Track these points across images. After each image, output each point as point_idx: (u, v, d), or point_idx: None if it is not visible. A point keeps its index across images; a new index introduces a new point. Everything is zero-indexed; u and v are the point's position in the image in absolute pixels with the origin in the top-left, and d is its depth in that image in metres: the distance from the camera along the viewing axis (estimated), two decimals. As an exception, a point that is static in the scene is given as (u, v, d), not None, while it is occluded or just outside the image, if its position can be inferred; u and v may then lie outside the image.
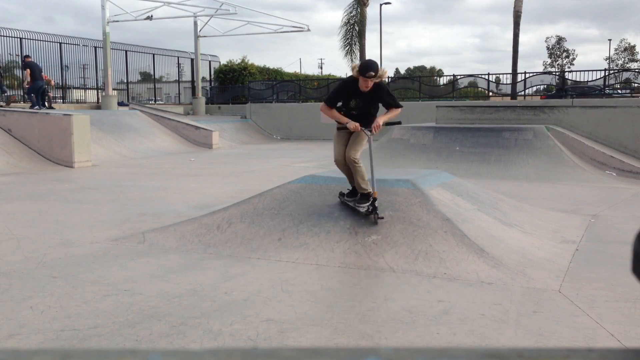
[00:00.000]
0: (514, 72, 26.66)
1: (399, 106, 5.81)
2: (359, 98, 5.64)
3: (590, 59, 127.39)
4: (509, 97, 24.77)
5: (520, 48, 29.78)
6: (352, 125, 5.58)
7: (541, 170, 11.31)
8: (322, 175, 6.61)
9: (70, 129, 13.64)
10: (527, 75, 24.40)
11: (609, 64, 64.38)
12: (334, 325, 3.68)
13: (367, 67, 5.40)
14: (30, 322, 3.72)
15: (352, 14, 35.14)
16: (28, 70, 17.89)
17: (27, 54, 19.75)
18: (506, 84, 25.78)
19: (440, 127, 14.00)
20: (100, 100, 23.99)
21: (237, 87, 30.72)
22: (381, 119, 5.69)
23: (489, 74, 25.21)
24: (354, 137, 5.69)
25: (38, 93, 18.20)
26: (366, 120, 5.69)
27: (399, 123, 6.54)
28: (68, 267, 5.05)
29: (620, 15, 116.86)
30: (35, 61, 19.38)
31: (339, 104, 5.76)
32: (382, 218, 5.49)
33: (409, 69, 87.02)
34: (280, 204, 6.02)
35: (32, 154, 13.89)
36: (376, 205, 5.52)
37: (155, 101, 30.26)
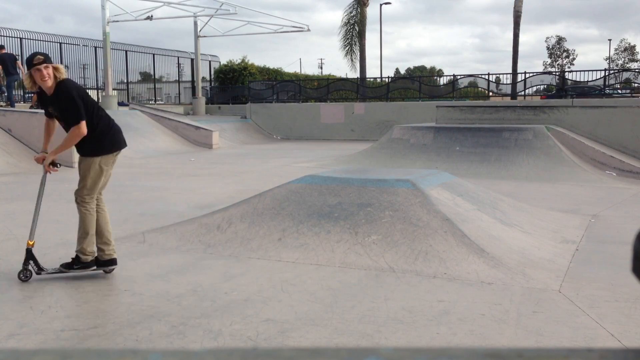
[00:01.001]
0: (514, 72, 26.67)
1: (75, 122, 4.43)
2: (51, 105, 4.55)
3: (590, 59, 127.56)
4: (509, 97, 24.77)
5: (520, 48, 29.81)
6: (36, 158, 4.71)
7: (541, 170, 11.31)
8: (322, 175, 6.61)
9: (70, 129, 13.61)
10: (527, 75, 24.40)
11: (609, 64, 64.43)
12: (334, 325, 3.68)
13: (32, 55, 4.35)
14: (30, 322, 3.72)
15: (352, 14, 35.18)
16: (0, 67, 17.03)
17: (2, 44, 18.40)
18: (506, 84, 25.78)
19: (440, 127, 14.00)
20: (100, 100, 23.98)
21: (237, 87, 30.71)
22: (51, 154, 4.63)
23: (489, 74, 25.20)
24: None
25: (11, 86, 17.81)
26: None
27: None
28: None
29: (620, 15, 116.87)
30: (8, 51, 18.49)
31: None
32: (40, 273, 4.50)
33: (409, 69, 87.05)
34: (280, 204, 6.01)
35: (32, 154, 13.86)
36: (33, 258, 4.51)
37: (155, 101, 30.27)
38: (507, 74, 26.19)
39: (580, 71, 24.24)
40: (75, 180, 4.85)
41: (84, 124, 4.41)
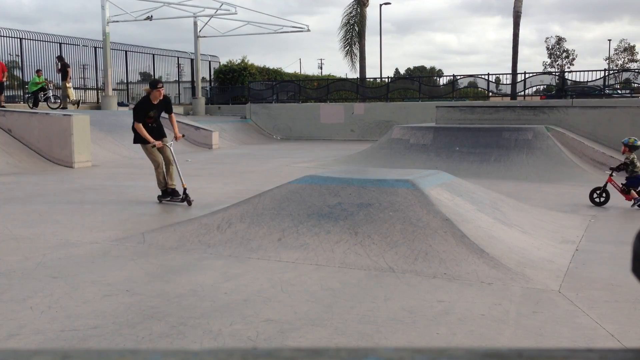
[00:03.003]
0: (514, 72, 26.66)
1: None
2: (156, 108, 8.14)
3: (589, 59, 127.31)
4: (509, 97, 24.77)
5: (520, 48, 29.80)
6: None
7: (541, 170, 11.31)
8: (322, 175, 6.61)
9: (70, 129, 13.64)
10: (527, 75, 24.41)
11: (608, 64, 64.39)
12: (334, 325, 3.68)
13: (156, 81, 7.63)
14: (30, 322, 3.72)
15: (351, 14, 35.15)
16: None
17: None
18: (506, 84, 25.78)
19: (440, 127, 14.00)
20: (100, 101, 23.99)
21: (237, 88, 30.71)
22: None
23: (488, 74, 25.21)
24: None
25: None
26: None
27: None
28: (68, 267, 5.05)
29: (620, 15, 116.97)
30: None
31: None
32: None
33: (408, 69, 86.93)
34: (280, 204, 6.01)
35: (32, 154, 13.89)
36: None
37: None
38: (507, 74, 26.20)
39: (580, 71, 24.30)
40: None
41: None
